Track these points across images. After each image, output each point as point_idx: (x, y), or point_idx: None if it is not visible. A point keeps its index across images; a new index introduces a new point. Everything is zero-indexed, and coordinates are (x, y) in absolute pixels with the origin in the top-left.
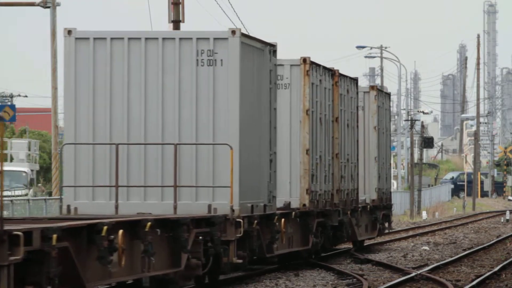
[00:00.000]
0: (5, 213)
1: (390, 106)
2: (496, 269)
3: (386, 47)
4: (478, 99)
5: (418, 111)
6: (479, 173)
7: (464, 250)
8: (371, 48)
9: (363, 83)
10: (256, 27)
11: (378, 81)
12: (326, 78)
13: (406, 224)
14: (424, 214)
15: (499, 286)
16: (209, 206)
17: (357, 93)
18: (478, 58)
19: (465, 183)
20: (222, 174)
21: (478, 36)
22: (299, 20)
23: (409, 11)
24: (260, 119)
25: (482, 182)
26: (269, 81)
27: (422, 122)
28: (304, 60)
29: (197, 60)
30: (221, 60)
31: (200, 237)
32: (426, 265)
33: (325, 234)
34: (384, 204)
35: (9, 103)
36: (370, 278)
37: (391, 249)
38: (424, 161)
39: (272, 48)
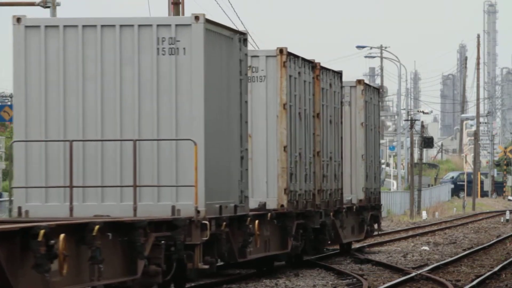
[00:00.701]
0: None
1: (379, 102)
2: (496, 269)
3: (386, 47)
4: (478, 99)
5: (418, 111)
6: (479, 173)
7: (464, 250)
8: (371, 48)
9: None
10: (256, 27)
11: (378, 81)
12: (306, 71)
13: (406, 224)
14: (424, 214)
15: (499, 286)
16: (173, 207)
17: (341, 87)
18: (478, 58)
19: (465, 183)
20: (186, 173)
21: (478, 36)
22: (299, 20)
23: (409, 11)
24: (229, 113)
25: (482, 182)
26: (239, 72)
27: (422, 122)
28: (281, 50)
29: (158, 48)
30: (184, 48)
31: (163, 242)
32: (426, 265)
33: (306, 237)
34: (372, 204)
35: (9, 103)
36: (370, 278)
37: (391, 249)
38: (424, 161)
39: (242, 36)
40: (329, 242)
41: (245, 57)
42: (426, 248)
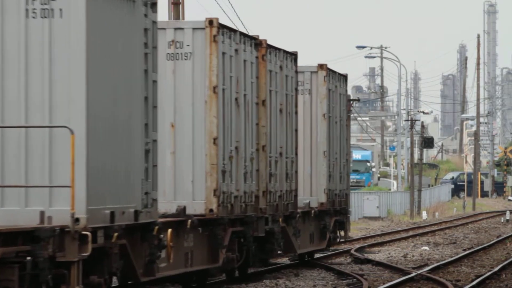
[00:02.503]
0: None
1: (346, 91)
2: (496, 269)
3: (386, 47)
4: (478, 99)
5: (418, 111)
6: (479, 173)
7: (464, 250)
8: (371, 48)
9: (363, 83)
10: (256, 27)
11: (378, 81)
12: (246, 49)
13: (406, 224)
14: (424, 214)
15: (499, 286)
16: (41, 213)
17: (296, 71)
18: (478, 58)
19: (465, 183)
20: (62, 170)
21: (478, 36)
22: (299, 20)
23: (410, 11)
24: (129, 95)
25: (482, 182)
26: (144, 44)
27: (422, 122)
28: (211, 22)
29: (27, 9)
30: (60, 10)
31: (28, 258)
32: (426, 265)
33: (248, 247)
34: (336, 208)
35: None
36: (370, 278)
37: (391, 249)
38: (424, 161)
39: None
40: (277, 252)
41: (153, 25)
42: (426, 248)
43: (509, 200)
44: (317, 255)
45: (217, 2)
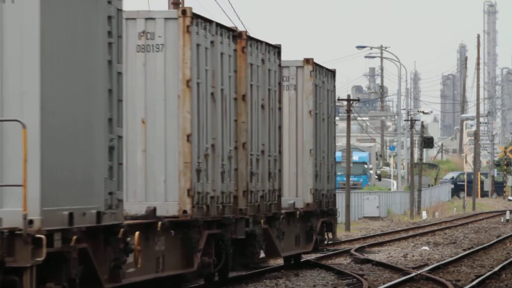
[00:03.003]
0: None
1: (335, 87)
2: (496, 269)
3: (386, 47)
4: (478, 99)
5: (418, 111)
6: (479, 173)
7: (464, 250)
8: (371, 48)
9: (363, 83)
10: (256, 27)
11: (378, 81)
12: (223, 41)
13: (406, 224)
14: (424, 214)
15: (499, 286)
16: None
17: (280, 65)
18: (478, 58)
19: (465, 183)
20: (14, 168)
21: (478, 36)
22: (300, 20)
23: (410, 11)
24: (91, 88)
25: (482, 182)
26: (108, 33)
27: (422, 122)
28: (184, 11)
29: None
30: None
31: None
32: (426, 265)
33: (226, 251)
34: (324, 209)
35: None
36: (370, 278)
37: (391, 249)
38: (424, 161)
39: None
40: (259, 256)
41: (118, 13)
42: (426, 248)
43: (509, 200)
44: (317, 255)
45: (217, 2)
